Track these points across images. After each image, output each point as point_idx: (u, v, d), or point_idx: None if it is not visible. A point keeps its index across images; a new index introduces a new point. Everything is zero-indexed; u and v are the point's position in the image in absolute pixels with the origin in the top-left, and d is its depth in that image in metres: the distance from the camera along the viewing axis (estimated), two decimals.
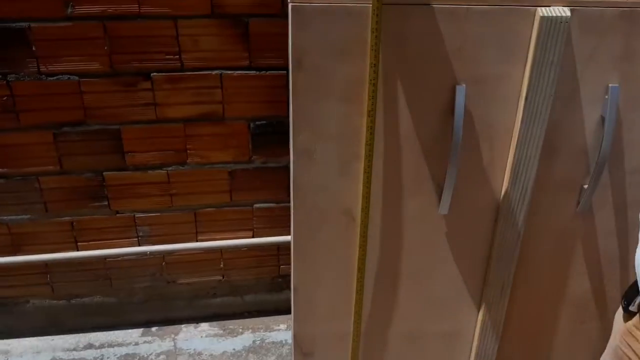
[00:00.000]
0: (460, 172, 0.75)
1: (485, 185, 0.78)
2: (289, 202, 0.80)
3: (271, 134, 1.34)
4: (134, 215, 1.37)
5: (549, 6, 0.69)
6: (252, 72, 1.26)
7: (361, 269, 0.81)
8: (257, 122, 1.32)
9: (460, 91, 0.71)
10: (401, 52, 0.70)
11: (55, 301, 1.45)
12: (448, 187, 0.74)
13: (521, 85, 0.73)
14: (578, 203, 0.82)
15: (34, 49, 1.15)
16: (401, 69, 0.71)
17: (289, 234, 1.15)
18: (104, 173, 1.33)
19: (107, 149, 1.30)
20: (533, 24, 0.69)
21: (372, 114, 0.71)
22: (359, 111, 0.73)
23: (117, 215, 1.37)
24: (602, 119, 0.75)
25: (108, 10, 1.15)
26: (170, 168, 1.35)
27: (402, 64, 0.71)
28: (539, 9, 0.69)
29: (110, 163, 1.30)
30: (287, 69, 1.25)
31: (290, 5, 0.66)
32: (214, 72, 1.25)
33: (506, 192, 0.78)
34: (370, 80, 0.69)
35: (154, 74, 1.23)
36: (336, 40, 0.68)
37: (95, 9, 1.14)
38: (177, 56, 1.22)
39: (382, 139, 0.74)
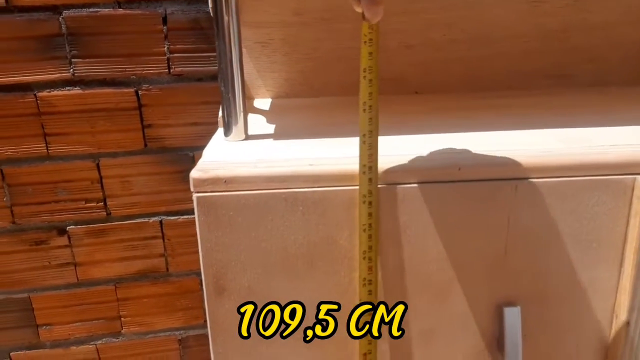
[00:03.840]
0: None
1: None
2: None
3: None
4: None
5: None
6: None
7: None
8: None
9: (512, 316, 0.40)
10: (410, 262, 0.40)
11: None
12: None
13: (614, 301, 0.43)
14: None
15: None
16: (411, 289, 0.41)
17: None
18: (12, 354, 1.02)
19: (15, 323, 1.00)
20: (631, 203, 0.40)
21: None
22: None
23: None
24: None
25: (7, 152, 0.89)
26: (100, 341, 1.04)
27: (410, 280, 0.41)
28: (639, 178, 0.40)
29: (20, 340, 0.99)
30: None
31: (194, 196, 0.37)
32: (151, 220, 0.96)
33: None
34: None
35: (71, 227, 0.94)
36: (284, 248, 0.39)
37: None
38: (102, 203, 0.94)
39: None
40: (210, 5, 0.48)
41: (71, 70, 0.86)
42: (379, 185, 0.39)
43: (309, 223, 0.39)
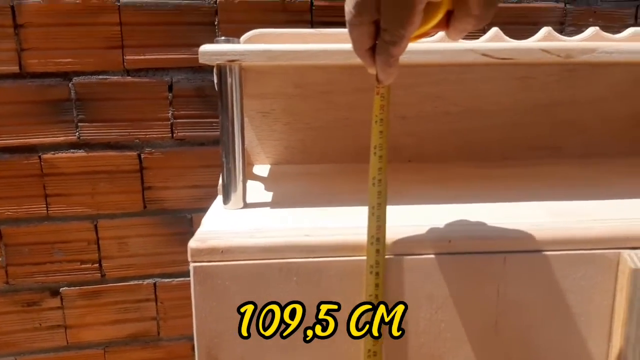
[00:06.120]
0: None
1: None
2: None
3: None
4: None
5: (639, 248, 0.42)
6: None
7: None
8: None
9: None
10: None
11: None
12: None
13: None
14: None
15: None
16: None
17: None
18: None
19: None
20: (617, 277, 0.41)
21: None
22: None
23: None
24: None
25: (7, 212, 0.89)
26: None
27: (401, 352, 0.41)
28: (624, 253, 0.41)
29: None
30: None
31: (191, 265, 0.38)
32: (145, 282, 0.96)
33: None
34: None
35: (64, 288, 0.94)
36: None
37: None
38: (97, 264, 0.94)
39: None
40: (215, 80, 0.51)
41: (77, 133, 0.89)
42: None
43: (303, 294, 0.40)
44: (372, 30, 0.35)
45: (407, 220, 0.45)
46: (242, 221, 0.44)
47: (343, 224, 0.44)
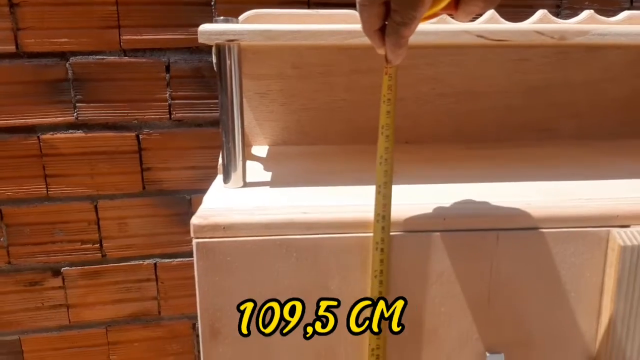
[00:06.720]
0: None
1: None
2: None
3: None
4: None
5: (628, 226, 0.43)
6: None
7: None
8: None
9: None
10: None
11: None
12: None
13: (595, 350, 0.44)
14: None
15: None
16: (397, 335, 0.43)
17: None
18: None
19: None
20: (607, 254, 0.43)
21: None
22: None
23: None
24: None
25: (7, 192, 0.90)
26: None
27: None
28: (613, 231, 0.43)
29: None
30: None
31: (194, 241, 0.39)
32: (146, 262, 0.97)
33: None
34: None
35: (66, 268, 0.95)
36: (277, 293, 0.41)
37: None
38: (98, 245, 0.95)
39: None
40: (214, 60, 0.51)
41: (75, 114, 0.89)
42: (368, 234, 0.41)
43: (302, 269, 0.41)
44: (382, 11, 0.35)
45: (403, 199, 0.46)
46: (243, 199, 0.45)
47: (340, 202, 0.45)
